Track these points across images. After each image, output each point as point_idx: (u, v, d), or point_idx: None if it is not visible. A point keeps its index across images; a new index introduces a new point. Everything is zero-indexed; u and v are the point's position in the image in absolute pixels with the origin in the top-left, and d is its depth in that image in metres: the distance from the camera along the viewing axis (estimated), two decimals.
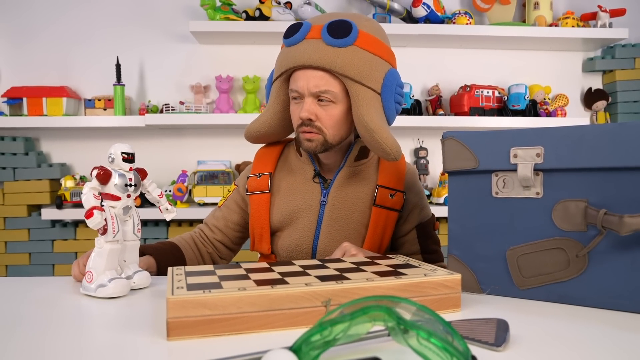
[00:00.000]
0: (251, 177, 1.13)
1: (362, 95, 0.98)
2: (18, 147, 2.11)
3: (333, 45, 0.96)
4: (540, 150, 0.76)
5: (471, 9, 2.32)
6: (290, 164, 1.13)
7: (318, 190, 1.08)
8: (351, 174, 1.09)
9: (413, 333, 0.46)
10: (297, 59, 0.98)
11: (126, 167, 0.85)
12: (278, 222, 1.09)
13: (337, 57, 0.96)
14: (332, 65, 0.96)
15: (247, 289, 0.63)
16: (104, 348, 0.59)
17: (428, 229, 1.13)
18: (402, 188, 1.09)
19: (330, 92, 0.99)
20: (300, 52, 0.98)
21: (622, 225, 0.69)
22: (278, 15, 2.12)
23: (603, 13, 2.22)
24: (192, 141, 2.28)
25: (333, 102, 1.00)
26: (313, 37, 0.98)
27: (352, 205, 1.07)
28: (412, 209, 1.11)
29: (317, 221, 1.07)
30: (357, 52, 0.97)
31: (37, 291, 0.86)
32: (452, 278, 0.71)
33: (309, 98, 0.99)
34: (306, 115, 0.99)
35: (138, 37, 2.25)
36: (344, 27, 0.96)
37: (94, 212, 0.78)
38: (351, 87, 0.98)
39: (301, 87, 0.99)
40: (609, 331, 0.63)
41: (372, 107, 0.98)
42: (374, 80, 0.98)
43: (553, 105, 2.31)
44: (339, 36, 0.96)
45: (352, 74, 0.96)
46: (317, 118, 1.00)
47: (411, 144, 2.36)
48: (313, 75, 0.98)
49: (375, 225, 1.06)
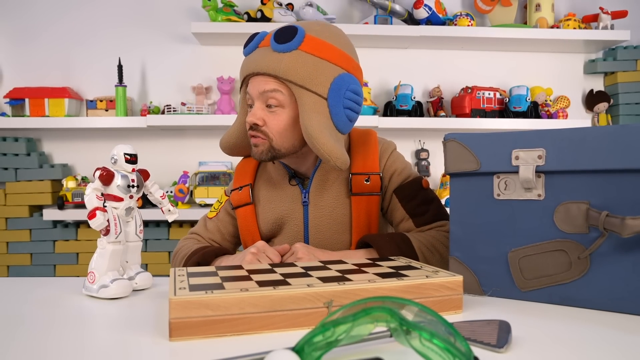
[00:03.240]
0: (233, 191, 1.13)
1: (306, 100, 0.96)
2: (20, 147, 2.11)
3: (278, 51, 0.96)
4: (541, 152, 0.76)
5: (472, 11, 2.33)
6: (269, 172, 1.13)
7: (298, 192, 1.08)
8: (327, 170, 1.07)
9: (415, 334, 0.46)
10: (248, 67, 0.99)
11: (129, 168, 0.85)
12: (267, 231, 1.09)
13: (280, 62, 0.95)
14: (275, 70, 0.95)
15: (249, 289, 0.63)
16: (106, 349, 0.59)
17: (408, 190, 1.06)
18: (377, 170, 1.07)
19: (276, 97, 0.97)
20: (252, 60, 0.99)
21: (624, 227, 0.69)
22: (280, 16, 2.12)
23: (605, 15, 2.22)
24: (194, 142, 2.28)
25: (281, 107, 0.98)
26: (264, 45, 0.98)
27: (333, 200, 1.06)
28: (390, 180, 1.08)
29: (303, 222, 1.07)
30: (301, 57, 0.95)
31: (38, 292, 0.86)
32: (453, 280, 0.71)
33: (258, 103, 0.99)
34: (252, 119, 0.98)
35: (140, 38, 2.25)
36: (289, 32, 0.96)
37: (97, 213, 0.78)
38: (296, 92, 0.96)
39: (251, 92, 1.00)
40: (611, 333, 0.63)
41: (315, 112, 0.96)
42: (319, 84, 0.96)
43: (554, 107, 2.31)
44: (282, 41, 0.95)
45: (295, 78, 0.95)
46: (264, 123, 0.99)
47: (412, 146, 2.36)
48: (260, 81, 0.98)
49: (357, 214, 1.05)
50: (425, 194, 1.07)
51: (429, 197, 1.07)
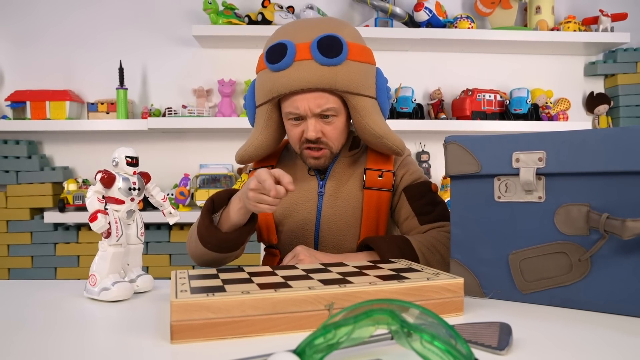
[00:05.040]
0: (253, 171, 1.15)
1: (364, 105, 1.00)
2: (21, 150, 2.12)
3: (328, 65, 0.96)
4: (542, 154, 0.76)
5: (473, 13, 2.33)
6: (291, 159, 1.16)
7: (315, 182, 1.11)
8: (345, 164, 1.12)
9: (417, 336, 0.46)
10: (292, 84, 0.97)
11: (130, 171, 0.85)
12: (280, 215, 1.11)
13: (336, 76, 0.96)
14: (332, 84, 0.97)
15: (250, 292, 0.63)
16: (107, 351, 0.59)
17: (417, 190, 1.09)
18: (391, 168, 1.10)
19: (332, 109, 1.01)
20: (295, 76, 0.97)
21: (625, 229, 0.69)
22: (280, 19, 2.12)
23: (605, 17, 2.23)
24: (195, 145, 2.28)
25: (336, 115, 1.03)
26: (303, 58, 0.96)
27: (347, 193, 1.09)
28: (401, 179, 1.11)
29: (316, 212, 1.09)
30: (352, 66, 0.98)
31: (40, 294, 0.86)
32: (454, 282, 0.71)
33: (312, 118, 1.01)
34: (314, 135, 1.01)
35: (141, 41, 2.26)
36: (336, 44, 0.96)
37: (98, 216, 0.78)
38: (351, 100, 1.00)
39: (303, 110, 1.00)
40: (612, 335, 0.63)
41: (375, 113, 1.02)
42: (369, 87, 1.01)
43: (555, 109, 2.31)
44: (332, 55, 0.96)
45: (351, 88, 0.98)
46: (323, 135, 1.03)
47: (413, 148, 2.36)
48: (313, 97, 0.99)
49: (368, 208, 1.08)
50: (433, 196, 1.10)
51: (436, 200, 1.10)
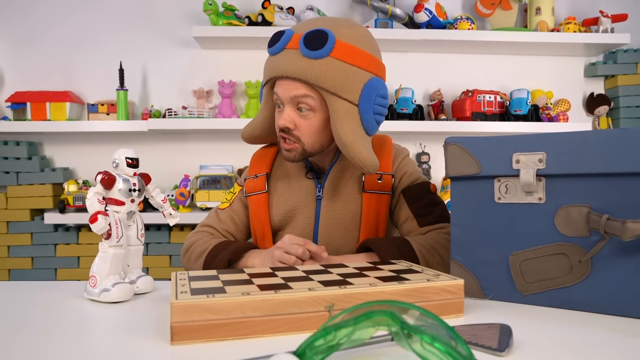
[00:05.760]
0: (248, 179, 1.14)
1: (338, 107, 0.97)
2: (21, 151, 2.12)
3: (309, 57, 0.95)
4: (542, 155, 0.76)
5: (473, 15, 2.33)
6: (286, 163, 1.14)
7: (313, 185, 1.10)
8: (343, 167, 1.10)
9: (417, 338, 0.46)
10: (276, 69, 0.99)
11: (130, 172, 0.85)
12: (278, 222, 1.10)
13: (312, 69, 0.95)
14: (307, 76, 0.95)
15: (250, 293, 0.63)
16: (107, 352, 0.59)
17: (415, 191, 1.08)
18: (390, 170, 1.09)
19: (307, 102, 0.98)
20: (280, 62, 0.98)
21: (625, 230, 0.69)
22: (280, 20, 2.13)
23: (605, 18, 2.23)
24: (195, 146, 2.28)
25: (312, 111, 1.00)
26: (292, 47, 0.97)
27: (346, 197, 1.08)
28: (400, 181, 1.10)
29: (315, 216, 1.08)
30: (332, 64, 0.95)
31: (40, 295, 0.86)
32: (454, 283, 0.71)
33: (288, 106, 1.00)
34: (284, 123, 1.00)
35: (141, 42, 2.26)
36: (320, 38, 0.95)
37: (98, 217, 0.78)
38: (328, 99, 0.97)
39: (281, 95, 1.00)
40: (612, 337, 0.63)
41: (347, 120, 0.97)
42: (350, 91, 0.96)
43: (555, 110, 2.31)
44: (314, 47, 0.95)
45: (327, 85, 0.96)
46: (295, 127, 1.00)
47: (413, 149, 2.36)
48: (291, 85, 0.98)
49: (367, 211, 1.07)
50: (432, 197, 1.09)
51: (435, 201, 1.09)
